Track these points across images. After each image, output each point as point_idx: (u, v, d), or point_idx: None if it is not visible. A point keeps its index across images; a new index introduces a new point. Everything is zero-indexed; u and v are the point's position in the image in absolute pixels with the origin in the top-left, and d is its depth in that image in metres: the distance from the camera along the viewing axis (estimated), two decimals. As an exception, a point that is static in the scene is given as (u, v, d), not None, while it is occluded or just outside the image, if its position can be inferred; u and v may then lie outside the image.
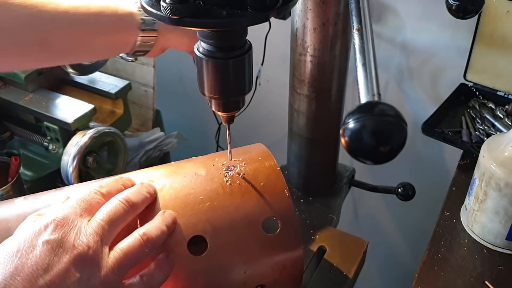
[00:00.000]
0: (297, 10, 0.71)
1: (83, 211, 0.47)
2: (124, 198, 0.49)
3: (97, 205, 0.48)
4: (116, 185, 0.52)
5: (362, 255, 0.76)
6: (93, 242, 0.44)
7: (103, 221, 0.46)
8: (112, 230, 0.47)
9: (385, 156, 0.37)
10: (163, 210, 0.52)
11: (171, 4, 0.43)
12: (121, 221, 0.48)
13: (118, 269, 0.45)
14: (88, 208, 0.47)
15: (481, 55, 0.95)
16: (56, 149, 0.93)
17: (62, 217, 0.45)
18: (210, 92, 0.53)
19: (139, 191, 0.52)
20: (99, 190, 0.50)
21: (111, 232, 0.47)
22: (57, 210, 0.46)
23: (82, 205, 0.47)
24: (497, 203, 0.71)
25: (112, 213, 0.47)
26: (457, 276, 0.71)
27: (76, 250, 0.43)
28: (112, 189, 0.51)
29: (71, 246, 0.43)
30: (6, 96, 0.95)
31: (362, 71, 0.43)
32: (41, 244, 0.42)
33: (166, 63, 1.45)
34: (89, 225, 0.46)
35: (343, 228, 0.84)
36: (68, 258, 0.42)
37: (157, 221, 0.50)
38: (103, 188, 0.50)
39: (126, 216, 0.49)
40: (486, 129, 0.92)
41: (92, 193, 0.49)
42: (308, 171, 0.89)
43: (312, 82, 0.77)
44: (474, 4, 0.61)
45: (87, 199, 0.48)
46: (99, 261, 0.44)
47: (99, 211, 0.48)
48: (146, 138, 1.13)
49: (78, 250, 0.43)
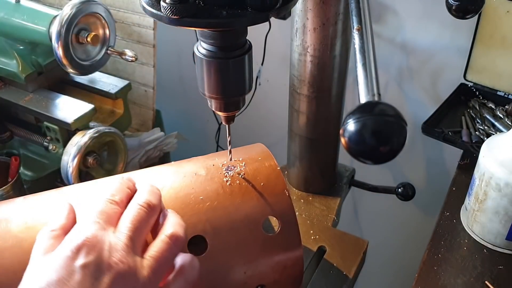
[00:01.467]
0: (297, 10, 0.71)
1: (105, 225, 0.45)
2: (144, 202, 0.48)
3: (115, 215, 0.47)
4: (124, 190, 0.51)
5: (362, 255, 0.76)
6: (126, 256, 0.43)
7: (130, 231, 0.45)
8: (140, 238, 0.46)
9: (385, 156, 0.37)
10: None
11: (171, 4, 0.43)
12: (146, 227, 0.47)
13: (154, 277, 0.44)
14: (109, 220, 0.46)
15: (481, 55, 0.95)
16: (56, 149, 0.93)
17: (91, 236, 0.43)
18: (210, 92, 0.53)
19: (154, 191, 0.50)
20: (113, 199, 0.48)
21: (139, 240, 0.46)
22: (83, 229, 0.44)
23: (103, 218, 0.46)
24: (497, 203, 0.71)
25: (136, 220, 0.46)
26: (457, 276, 0.71)
27: (113, 270, 0.42)
28: (122, 195, 0.50)
29: (107, 265, 0.42)
30: (6, 96, 0.95)
31: (362, 71, 0.43)
32: (79, 270, 0.41)
33: (166, 63, 1.45)
34: (117, 238, 0.44)
35: (343, 228, 0.84)
36: (109, 279, 0.42)
37: (175, 218, 0.49)
38: (116, 196, 0.49)
39: (149, 221, 0.48)
40: (486, 129, 0.92)
41: (107, 203, 0.48)
42: (308, 171, 0.89)
43: (312, 82, 0.77)
44: (474, 4, 0.61)
45: (106, 211, 0.47)
46: (136, 274, 0.43)
47: (122, 221, 0.46)
48: (146, 138, 1.13)
49: (115, 269, 0.42)
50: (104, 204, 0.48)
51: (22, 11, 0.87)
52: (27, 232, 0.51)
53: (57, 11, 0.84)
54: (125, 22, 1.15)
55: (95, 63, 0.89)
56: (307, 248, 0.77)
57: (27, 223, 0.51)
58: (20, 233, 0.51)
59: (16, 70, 0.92)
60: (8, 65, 0.93)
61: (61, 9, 0.82)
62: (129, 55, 0.89)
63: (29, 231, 0.51)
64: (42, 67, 0.94)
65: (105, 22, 0.88)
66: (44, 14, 0.86)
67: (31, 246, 0.48)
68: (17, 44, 0.92)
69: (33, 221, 0.52)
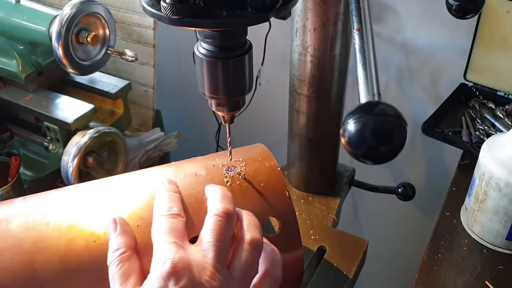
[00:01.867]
0: (297, 10, 0.71)
1: (182, 243, 0.44)
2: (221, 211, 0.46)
3: (183, 228, 0.46)
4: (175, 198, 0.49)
5: (362, 255, 0.76)
6: (216, 272, 0.42)
7: (214, 245, 0.44)
8: (224, 249, 0.45)
9: (385, 156, 0.37)
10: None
11: (171, 4, 0.43)
12: (228, 236, 0.46)
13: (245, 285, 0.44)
14: (182, 236, 0.45)
15: (481, 55, 0.95)
16: (56, 149, 0.93)
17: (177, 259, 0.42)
18: (210, 92, 0.53)
19: (226, 195, 0.49)
20: (173, 213, 0.47)
21: (224, 252, 0.45)
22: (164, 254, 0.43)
23: (176, 236, 0.44)
24: (497, 203, 0.71)
25: (217, 233, 0.45)
26: (457, 276, 0.71)
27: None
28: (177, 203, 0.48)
29: (200, 285, 0.41)
30: (6, 96, 0.95)
31: (362, 71, 0.43)
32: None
33: (166, 63, 1.45)
34: (202, 255, 0.43)
35: (343, 228, 0.84)
36: None
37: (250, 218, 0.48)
38: (173, 208, 0.48)
39: (230, 229, 0.46)
40: (486, 129, 0.92)
41: (170, 220, 0.46)
42: (308, 171, 0.89)
43: (312, 82, 0.77)
44: (474, 4, 0.61)
45: (174, 227, 0.45)
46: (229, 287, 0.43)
47: (204, 235, 0.45)
48: (146, 138, 1.13)
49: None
50: (168, 221, 0.46)
51: (22, 11, 0.87)
52: (27, 232, 0.51)
53: (57, 11, 0.84)
54: (125, 22, 1.15)
55: (95, 63, 0.89)
56: (307, 248, 0.77)
57: (27, 224, 0.51)
58: (20, 233, 0.51)
59: (16, 70, 0.92)
60: (8, 65, 0.93)
61: (61, 9, 0.82)
62: (129, 55, 0.89)
63: (29, 232, 0.51)
64: (42, 67, 0.94)
65: (105, 22, 0.88)
66: (44, 14, 0.86)
67: (31, 246, 0.48)
68: (17, 44, 0.92)
69: (33, 221, 0.52)
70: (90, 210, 0.53)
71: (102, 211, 0.52)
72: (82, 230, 0.50)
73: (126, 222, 0.49)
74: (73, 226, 0.51)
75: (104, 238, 0.50)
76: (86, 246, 0.49)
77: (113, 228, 0.48)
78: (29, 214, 0.52)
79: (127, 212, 0.52)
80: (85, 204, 0.54)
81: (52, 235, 0.50)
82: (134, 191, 0.55)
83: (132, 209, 0.52)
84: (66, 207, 0.53)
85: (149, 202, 0.52)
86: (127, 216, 0.51)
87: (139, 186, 0.56)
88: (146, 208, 0.52)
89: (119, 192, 0.55)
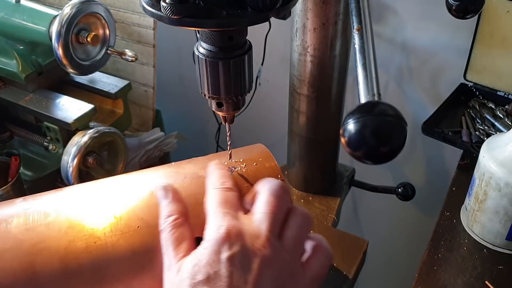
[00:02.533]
0: (297, 10, 0.71)
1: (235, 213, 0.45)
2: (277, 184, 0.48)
3: (237, 201, 0.47)
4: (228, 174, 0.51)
5: (362, 255, 0.76)
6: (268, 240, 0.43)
7: (267, 216, 0.45)
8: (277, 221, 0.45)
9: (385, 156, 0.37)
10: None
11: (171, 4, 0.43)
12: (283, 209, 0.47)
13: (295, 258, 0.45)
14: (235, 208, 0.46)
15: (481, 55, 0.95)
16: (56, 149, 0.93)
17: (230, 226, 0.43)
18: (210, 92, 0.53)
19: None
20: (226, 186, 0.48)
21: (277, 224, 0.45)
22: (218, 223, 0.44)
23: (229, 205, 0.46)
24: (497, 203, 0.71)
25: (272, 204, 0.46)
26: (457, 276, 0.71)
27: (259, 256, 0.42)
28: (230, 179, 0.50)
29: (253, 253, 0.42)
30: (6, 96, 0.95)
31: (362, 71, 0.43)
32: (226, 262, 0.41)
33: (166, 63, 1.45)
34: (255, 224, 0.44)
35: (343, 228, 0.84)
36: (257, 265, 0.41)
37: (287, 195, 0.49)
38: (226, 183, 0.49)
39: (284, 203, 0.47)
40: (486, 129, 0.92)
41: (224, 192, 0.48)
42: (308, 171, 0.89)
43: (312, 82, 0.77)
44: (474, 4, 0.61)
45: (227, 200, 0.47)
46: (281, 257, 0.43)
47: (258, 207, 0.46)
48: (146, 138, 1.13)
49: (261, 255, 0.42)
50: (222, 193, 0.48)
51: (22, 11, 0.87)
52: (27, 233, 0.50)
53: (57, 11, 0.84)
54: (125, 22, 1.15)
55: (95, 63, 0.89)
56: (307, 248, 0.77)
57: (27, 224, 0.51)
58: (20, 234, 0.50)
59: (16, 70, 0.92)
60: (8, 65, 0.93)
61: (61, 9, 0.82)
62: (129, 55, 0.89)
63: (29, 233, 0.50)
64: (42, 67, 0.94)
65: (105, 22, 0.88)
66: (44, 14, 0.86)
67: (31, 247, 0.48)
68: (17, 44, 0.92)
69: (33, 222, 0.52)
70: (90, 211, 0.53)
71: (102, 212, 0.52)
72: (82, 231, 0.50)
73: (178, 191, 0.50)
74: (73, 227, 0.51)
75: (104, 239, 0.50)
76: (86, 247, 0.49)
77: (164, 195, 0.49)
78: (29, 215, 0.52)
79: (127, 213, 0.52)
80: (85, 204, 0.54)
81: (52, 236, 0.50)
82: (134, 191, 0.55)
83: (132, 210, 0.52)
84: (66, 208, 0.53)
85: (149, 203, 0.52)
86: (127, 217, 0.51)
87: (139, 186, 0.56)
88: (146, 209, 0.52)
89: (119, 192, 0.55)
